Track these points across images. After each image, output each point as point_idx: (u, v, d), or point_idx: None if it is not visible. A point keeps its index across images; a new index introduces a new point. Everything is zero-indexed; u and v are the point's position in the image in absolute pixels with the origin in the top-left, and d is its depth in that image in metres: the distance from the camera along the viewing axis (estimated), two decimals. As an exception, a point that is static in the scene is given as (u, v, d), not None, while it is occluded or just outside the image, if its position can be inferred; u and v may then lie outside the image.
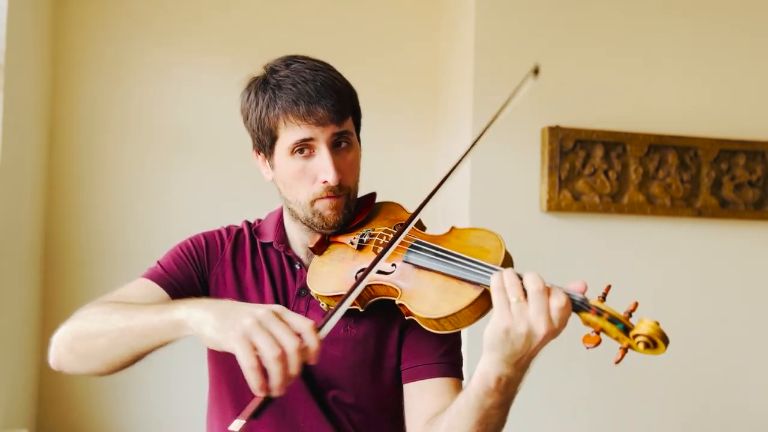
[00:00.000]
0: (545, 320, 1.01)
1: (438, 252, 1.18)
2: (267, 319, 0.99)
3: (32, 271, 2.72)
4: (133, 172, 2.96)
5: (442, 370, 1.27)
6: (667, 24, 3.02)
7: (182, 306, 1.08)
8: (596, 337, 1.01)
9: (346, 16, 3.17)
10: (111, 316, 1.14)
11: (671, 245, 2.99)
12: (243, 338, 0.98)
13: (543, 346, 1.04)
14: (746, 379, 3.04)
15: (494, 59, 2.88)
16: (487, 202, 2.84)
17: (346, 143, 1.28)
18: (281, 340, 0.98)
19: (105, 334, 1.13)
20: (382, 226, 1.32)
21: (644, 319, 1.01)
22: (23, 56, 2.47)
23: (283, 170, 1.29)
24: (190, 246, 1.38)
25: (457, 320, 1.12)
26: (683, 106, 3.02)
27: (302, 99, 1.23)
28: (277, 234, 1.38)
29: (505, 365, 1.05)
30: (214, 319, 1.02)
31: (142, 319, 1.10)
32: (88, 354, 1.16)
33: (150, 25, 2.99)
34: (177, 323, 1.07)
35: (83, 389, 2.87)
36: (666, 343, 1.00)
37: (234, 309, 1.03)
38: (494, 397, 1.08)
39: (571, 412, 2.90)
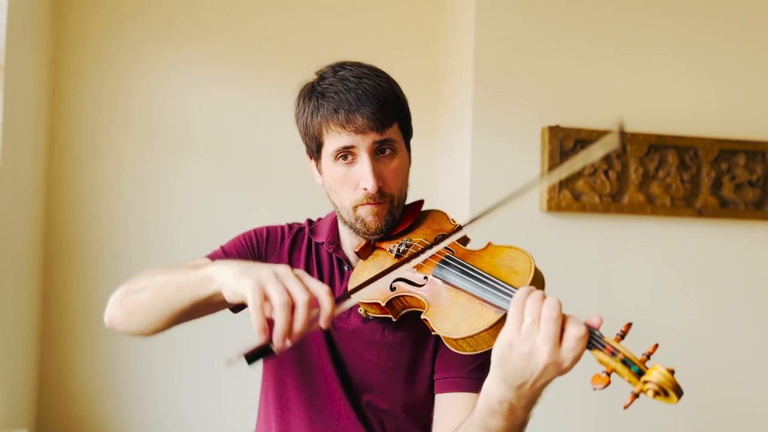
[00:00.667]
0: (549, 349, 0.97)
1: (465, 270, 1.18)
2: (284, 274, 1.05)
3: (32, 271, 2.72)
4: (133, 172, 2.96)
5: (469, 384, 1.27)
6: (668, 24, 3.02)
7: (214, 264, 1.14)
8: (606, 379, 0.96)
9: (346, 16, 3.17)
10: (157, 273, 1.22)
11: (671, 245, 2.99)
12: (256, 284, 1.04)
13: (548, 380, 1.01)
14: (746, 379, 3.04)
15: (494, 59, 2.88)
16: (487, 201, 2.82)
17: (390, 150, 1.29)
18: (292, 291, 1.03)
19: (148, 287, 1.21)
20: (424, 236, 1.32)
21: (657, 366, 0.94)
22: (23, 56, 2.47)
23: (329, 175, 1.32)
24: (252, 236, 1.44)
25: (475, 342, 1.10)
26: (683, 106, 3.02)
27: (342, 107, 1.25)
28: (330, 235, 1.41)
29: (507, 387, 1.02)
30: (237, 269, 1.09)
31: (180, 275, 1.17)
32: (133, 308, 1.23)
33: (150, 25, 2.99)
34: (206, 276, 1.13)
35: (83, 389, 2.87)
36: (678, 395, 0.92)
37: (257, 266, 1.09)
38: (497, 419, 1.06)
39: (568, 402, 2.90)
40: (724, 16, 3.06)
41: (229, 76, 3.05)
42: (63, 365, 2.87)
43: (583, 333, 0.96)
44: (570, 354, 0.97)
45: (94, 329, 2.89)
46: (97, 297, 2.91)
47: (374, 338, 1.31)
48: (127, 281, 1.28)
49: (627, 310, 2.85)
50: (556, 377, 1.00)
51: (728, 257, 3.03)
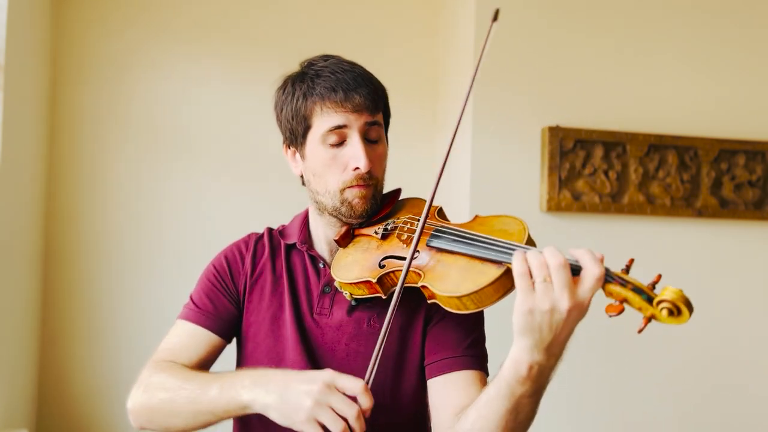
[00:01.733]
0: (568, 294, 1.00)
1: (460, 234, 1.20)
2: (324, 395, 1.08)
3: (32, 271, 2.72)
4: (133, 172, 2.96)
5: (466, 362, 1.28)
6: (667, 24, 3.02)
7: (244, 388, 1.16)
8: (619, 306, 1.00)
9: (347, 16, 3.17)
10: (177, 396, 1.23)
11: (671, 245, 2.98)
12: (309, 421, 1.08)
13: (572, 327, 1.03)
14: (746, 379, 3.04)
15: (494, 59, 2.88)
16: (487, 202, 2.84)
17: (377, 135, 1.32)
18: (342, 412, 1.07)
19: (178, 414, 1.23)
20: (406, 216, 1.34)
21: (668, 287, 1.00)
22: (23, 56, 2.47)
23: (314, 159, 1.32)
24: (215, 274, 1.42)
25: (479, 299, 1.11)
26: (683, 106, 3.02)
27: (341, 86, 1.28)
28: (301, 234, 1.41)
29: (537, 351, 1.03)
30: (276, 402, 1.11)
31: (209, 402, 1.19)
32: (168, 428, 1.27)
33: (150, 25, 2.99)
34: (243, 406, 1.16)
35: (83, 389, 2.87)
36: (690, 310, 0.97)
37: (289, 387, 1.11)
38: (526, 385, 1.06)
39: (571, 409, 2.90)
40: (725, 17, 3.06)
41: (229, 76, 3.05)
42: (63, 365, 2.87)
43: (601, 273, 1.01)
44: (588, 293, 1.01)
45: (94, 329, 2.89)
46: (97, 297, 2.91)
47: (360, 329, 1.32)
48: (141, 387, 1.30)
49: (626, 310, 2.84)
50: (578, 322, 1.03)
51: (728, 257, 3.03)
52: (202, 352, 1.36)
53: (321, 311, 1.35)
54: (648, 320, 1.00)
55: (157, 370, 1.29)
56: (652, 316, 0.99)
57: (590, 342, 2.89)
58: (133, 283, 2.93)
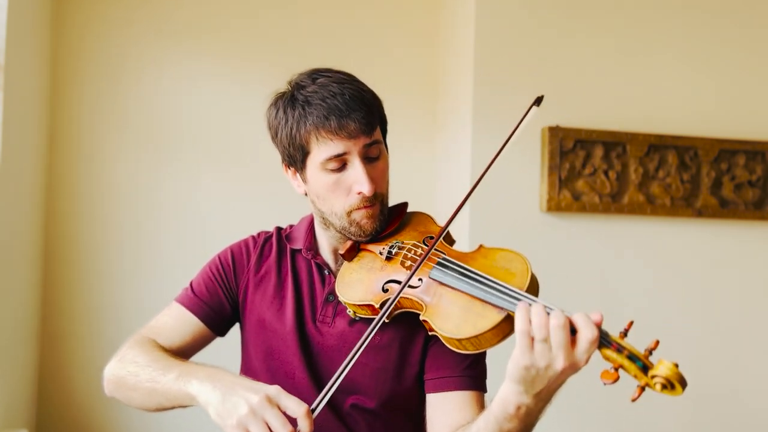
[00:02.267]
0: (564, 355, 1.01)
1: (464, 272, 1.19)
2: (262, 408, 1.08)
3: (32, 271, 2.72)
4: (133, 173, 2.96)
5: (464, 383, 1.29)
6: (668, 24, 3.02)
7: (195, 380, 1.18)
8: (615, 374, 1.01)
9: (346, 16, 3.16)
10: (142, 372, 1.26)
11: (671, 245, 2.98)
12: (238, 427, 1.08)
13: (563, 380, 1.05)
14: (746, 379, 3.04)
15: (494, 60, 2.88)
16: (487, 202, 2.83)
17: (377, 152, 1.30)
18: (273, 426, 1.07)
19: (137, 389, 1.27)
20: (412, 238, 1.33)
21: (663, 361, 0.99)
22: (23, 56, 2.47)
23: (317, 184, 1.31)
24: (219, 266, 1.43)
25: (478, 342, 1.13)
26: (683, 106, 3.01)
27: (333, 114, 1.24)
28: (307, 240, 1.41)
29: (526, 396, 1.06)
30: (217, 401, 1.13)
31: (164, 385, 1.22)
32: (128, 400, 1.31)
33: (150, 26, 2.99)
34: (190, 397, 1.19)
35: (83, 389, 2.87)
36: (683, 387, 0.97)
37: (233, 391, 1.12)
38: (513, 422, 1.10)
39: (565, 405, 2.90)
40: (725, 16, 3.06)
41: (229, 76, 3.04)
42: (63, 365, 2.87)
43: (595, 337, 1.00)
44: (584, 355, 1.01)
45: (93, 330, 2.89)
46: (97, 297, 2.91)
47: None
48: (118, 356, 1.33)
49: (627, 310, 2.84)
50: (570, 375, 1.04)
51: (728, 257, 3.03)
52: (186, 337, 1.38)
53: (323, 319, 1.35)
54: (642, 389, 1.00)
55: (136, 345, 1.33)
56: (646, 385, 1.00)
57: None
58: (133, 283, 2.93)
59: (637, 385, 1.00)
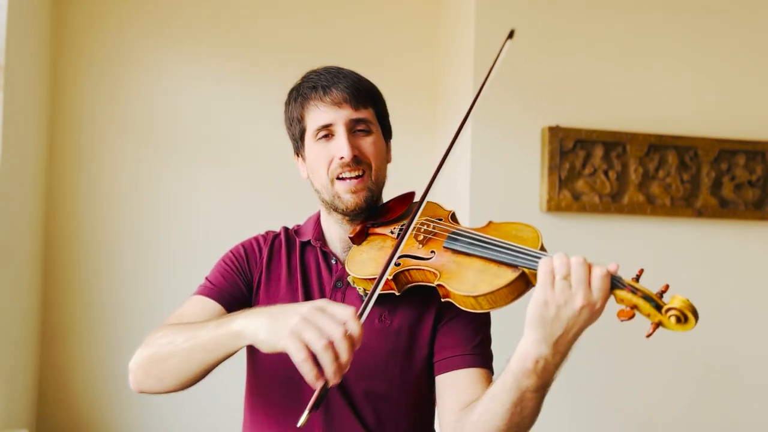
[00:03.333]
0: (583, 290, 1.05)
1: (477, 238, 1.24)
2: (311, 314, 1.08)
3: (32, 271, 2.72)
4: (133, 172, 2.96)
5: (474, 360, 1.33)
6: (667, 24, 3.02)
7: (238, 317, 1.16)
8: (630, 311, 1.06)
9: (346, 17, 3.17)
10: (176, 337, 1.23)
11: (671, 245, 2.98)
12: (292, 335, 1.06)
13: (580, 327, 1.08)
14: (746, 379, 3.04)
15: (494, 58, 2.88)
16: (487, 202, 2.84)
17: (366, 129, 1.38)
18: (327, 330, 1.06)
19: (174, 354, 1.22)
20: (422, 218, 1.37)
21: (676, 296, 1.06)
22: (23, 56, 2.47)
23: (310, 156, 1.39)
24: (232, 257, 1.46)
25: (494, 299, 1.16)
26: (683, 106, 3.02)
27: (320, 83, 1.36)
28: (315, 232, 1.46)
29: (544, 345, 1.08)
30: (266, 323, 1.11)
31: (205, 336, 1.19)
32: (163, 375, 1.26)
33: (150, 26, 2.99)
34: (236, 334, 1.15)
35: (83, 389, 2.87)
36: (696, 318, 1.03)
37: (282, 311, 1.12)
38: (531, 378, 1.11)
39: (571, 407, 2.90)
40: (724, 16, 3.06)
41: (230, 77, 3.05)
42: (63, 365, 2.87)
43: (606, 271, 1.07)
44: (599, 293, 1.06)
45: (94, 329, 2.89)
46: (97, 297, 2.91)
47: (372, 324, 1.34)
48: (142, 345, 1.30)
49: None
50: (588, 325, 1.08)
51: (728, 257, 3.03)
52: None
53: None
54: (656, 326, 1.05)
55: (162, 328, 1.31)
56: (659, 323, 1.05)
57: (590, 343, 2.90)
58: (133, 283, 2.93)
59: (651, 323, 1.05)
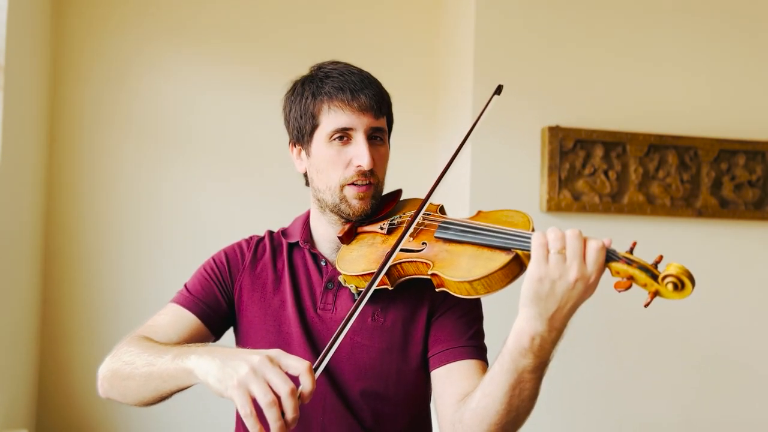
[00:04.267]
0: (578, 263, 1.05)
1: (468, 226, 1.24)
2: (262, 366, 1.05)
3: (32, 271, 2.72)
4: (134, 172, 2.96)
5: (470, 352, 1.33)
6: (668, 24, 3.02)
7: (193, 355, 1.14)
8: (627, 282, 1.06)
9: (347, 18, 3.17)
10: (137, 359, 1.23)
11: (671, 245, 2.98)
12: (239, 386, 1.04)
13: (575, 302, 1.07)
14: (746, 379, 3.04)
15: (494, 60, 2.88)
16: (487, 201, 2.83)
17: (380, 139, 1.38)
18: (275, 386, 1.03)
19: (134, 377, 1.22)
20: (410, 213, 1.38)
21: (672, 263, 1.05)
22: (23, 56, 2.47)
23: (319, 156, 1.37)
24: (213, 265, 1.45)
25: (489, 283, 1.15)
26: (683, 106, 3.02)
27: (348, 86, 1.34)
28: (303, 233, 1.45)
29: (540, 321, 1.07)
30: (216, 369, 1.08)
31: (161, 366, 1.18)
32: (125, 392, 1.27)
33: (150, 26, 2.99)
34: (188, 372, 1.14)
35: (83, 389, 2.87)
36: (693, 284, 1.02)
37: (234, 356, 1.08)
38: (528, 358, 1.10)
39: (571, 404, 2.90)
40: (724, 17, 3.06)
41: (229, 77, 3.05)
42: (63, 365, 2.87)
43: (602, 245, 1.06)
44: (593, 266, 1.06)
45: (94, 329, 2.89)
46: (97, 297, 2.91)
47: (365, 323, 1.35)
48: (112, 352, 1.30)
49: (627, 310, 2.85)
50: (582, 300, 1.07)
51: (728, 257, 3.03)
52: (182, 335, 1.37)
53: (325, 306, 1.38)
54: (654, 295, 1.05)
55: (131, 341, 1.30)
56: (656, 292, 1.05)
57: (587, 341, 2.89)
58: (134, 283, 2.93)
59: (648, 293, 1.05)
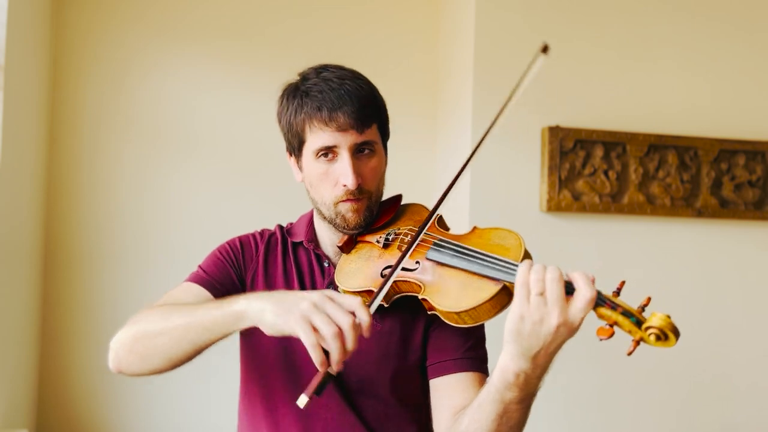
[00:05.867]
0: (558, 310, 1.04)
1: (459, 249, 1.23)
2: (322, 301, 1.09)
3: (32, 271, 2.72)
4: (133, 172, 2.96)
5: (467, 365, 1.33)
6: (667, 24, 3.02)
7: (241, 299, 1.16)
8: (610, 330, 1.05)
9: (348, 18, 3.17)
10: (171, 315, 1.22)
11: (671, 245, 2.98)
12: (303, 319, 1.07)
13: (559, 343, 1.07)
14: (746, 380, 3.03)
15: (494, 60, 2.88)
16: (487, 202, 2.84)
17: (369, 150, 1.34)
18: (337, 319, 1.07)
19: (167, 332, 1.21)
20: (406, 226, 1.37)
21: (656, 313, 1.04)
22: (23, 56, 2.47)
23: (310, 172, 1.36)
24: (228, 249, 1.45)
25: (477, 314, 1.16)
26: (683, 106, 3.02)
27: (325, 106, 1.30)
28: (308, 233, 1.44)
29: (523, 359, 1.08)
30: (273, 305, 1.11)
31: (204, 315, 1.18)
32: (149, 353, 1.24)
33: (151, 26, 2.99)
34: (238, 314, 1.15)
35: (83, 389, 2.87)
36: (677, 337, 1.02)
37: (289, 295, 1.13)
38: (513, 391, 1.11)
39: (565, 413, 2.90)
40: (724, 17, 3.06)
41: (229, 77, 3.04)
42: (63, 365, 2.87)
43: (593, 296, 1.04)
44: (579, 313, 1.04)
45: (94, 329, 2.89)
46: (97, 297, 2.91)
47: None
48: (127, 323, 1.28)
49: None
50: (567, 340, 1.07)
51: (728, 257, 3.03)
52: None
53: None
54: (637, 343, 1.04)
55: (152, 308, 1.28)
56: (641, 339, 1.04)
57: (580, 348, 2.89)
58: (134, 283, 2.93)
59: (632, 340, 1.04)
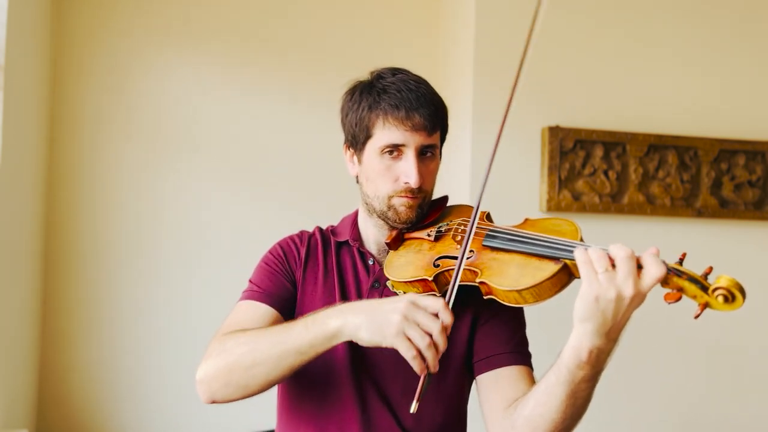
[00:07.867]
0: (632, 282, 1.06)
1: (516, 235, 1.26)
2: (410, 312, 1.14)
3: (32, 271, 2.72)
4: (134, 172, 2.96)
5: (516, 358, 1.36)
6: (667, 24, 3.02)
7: (330, 319, 1.20)
8: (677, 294, 1.07)
9: (348, 17, 3.16)
10: (258, 344, 1.24)
11: (671, 245, 2.97)
12: (399, 335, 1.13)
13: (630, 314, 1.09)
14: (746, 379, 3.04)
15: (494, 59, 2.88)
16: (487, 201, 2.82)
17: (431, 153, 1.40)
18: (427, 327, 1.13)
19: (261, 362, 1.23)
20: (457, 220, 1.41)
21: (722, 275, 1.06)
22: (23, 56, 2.47)
23: (370, 166, 1.39)
24: (272, 258, 1.47)
25: (538, 292, 1.17)
26: (683, 106, 3.02)
27: (404, 104, 1.35)
28: (352, 232, 1.47)
29: (597, 336, 1.09)
30: (367, 323, 1.16)
31: (295, 340, 1.21)
32: (248, 383, 1.25)
33: (151, 25, 2.99)
34: (332, 334, 1.19)
35: (83, 389, 2.87)
36: (744, 296, 1.04)
37: (377, 308, 1.17)
38: (585, 369, 1.13)
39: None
40: (724, 17, 3.06)
41: (230, 77, 3.04)
42: (63, 365, 2.87)
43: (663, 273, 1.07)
44: (651, 282, 1.07)
45: (94, 329, 2.89)
46: (97, 297, 2.91)
47: None
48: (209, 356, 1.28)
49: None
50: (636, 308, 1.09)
51: (728, 257, 3.03)
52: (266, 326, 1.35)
53: None
54: (704, 307, 1.06)
55: (229, 336, 1.28)
56: (707, 304, 1.06)
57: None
58: (134, 284, 2.93)
59: (698, 304, 1.07)
